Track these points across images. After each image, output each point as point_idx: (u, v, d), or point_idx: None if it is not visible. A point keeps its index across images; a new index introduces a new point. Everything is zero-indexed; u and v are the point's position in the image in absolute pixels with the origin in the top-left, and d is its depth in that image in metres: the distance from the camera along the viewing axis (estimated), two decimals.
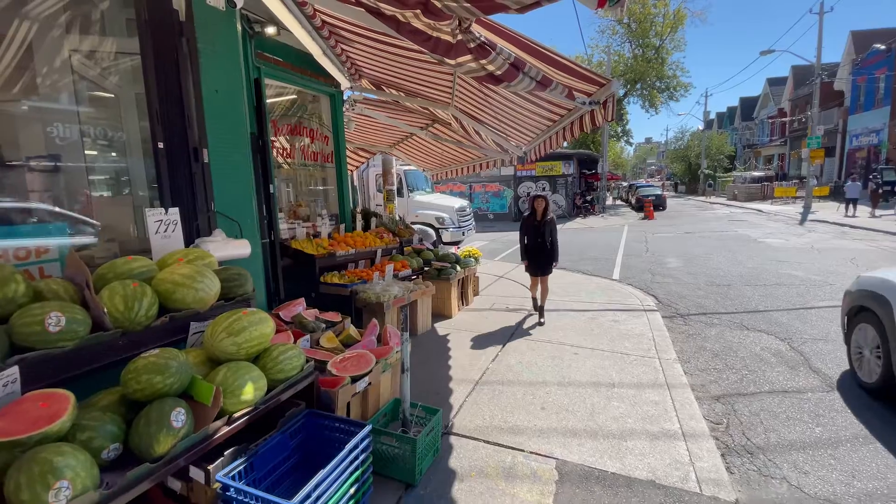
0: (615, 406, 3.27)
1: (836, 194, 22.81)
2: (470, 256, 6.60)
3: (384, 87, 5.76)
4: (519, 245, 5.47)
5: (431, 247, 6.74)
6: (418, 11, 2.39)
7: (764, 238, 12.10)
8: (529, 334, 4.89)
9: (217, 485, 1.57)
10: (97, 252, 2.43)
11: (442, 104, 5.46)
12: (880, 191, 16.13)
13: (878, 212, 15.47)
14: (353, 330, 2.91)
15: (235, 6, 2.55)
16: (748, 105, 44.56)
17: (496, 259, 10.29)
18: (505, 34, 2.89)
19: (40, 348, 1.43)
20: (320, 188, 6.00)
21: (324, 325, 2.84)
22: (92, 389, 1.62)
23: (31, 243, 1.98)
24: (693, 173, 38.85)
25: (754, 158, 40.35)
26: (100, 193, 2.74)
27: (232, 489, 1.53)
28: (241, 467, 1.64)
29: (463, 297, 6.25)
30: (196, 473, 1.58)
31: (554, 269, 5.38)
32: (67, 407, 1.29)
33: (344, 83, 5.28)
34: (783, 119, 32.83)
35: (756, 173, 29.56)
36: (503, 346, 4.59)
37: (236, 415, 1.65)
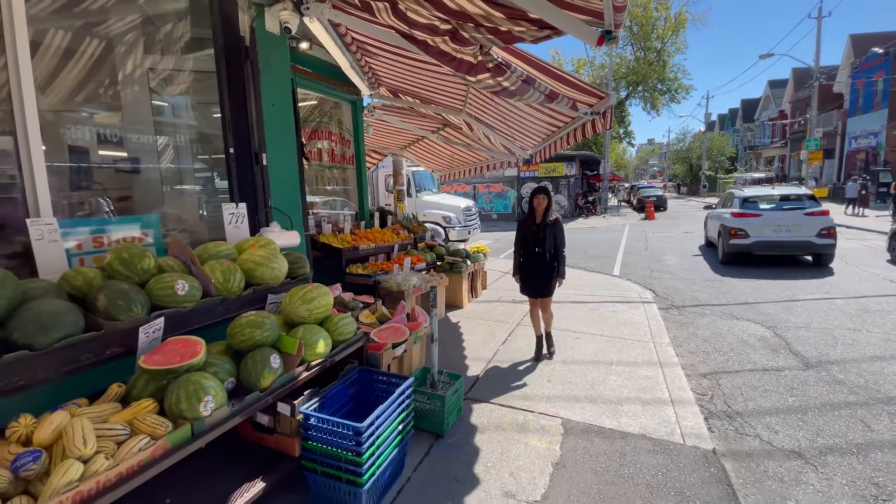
0: (613, 380, 3.70)
1: (835, 196, 23.17)
2: (479, 252, 7.04)
3: (400, 95, 6.21)
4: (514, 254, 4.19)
5: (443, 243, 7.19)
6: (447, 38, 2.85)
7: None
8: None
9: (300, 416, 2.02)
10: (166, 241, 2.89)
11: (455, 110, 5.91)
12: (863, 192, 16.64)
13: (866, 211, 16.07)
14: (385, 310, 3.36)
15: (290, 32, 3.00)
16: (749, 107, 44.89)
17: (500, 257, 10.74)
18: (518, 54, 3.34)
19: (171, 307, 1.88)
20: (340, 188, 6.45)
21: (361, 305, 3.29)
22: None
23: (137, 231, 2.43)
24: (694, 174, 39.21)
25: (755, 160, 40.67)
26: (170, 188, 3.19)
27: (313, 418, 1.98)
28: (316, 404, 2.09)
29: (473, 290, 6.69)
30: (283, 408, 2.03)
31: (558, 287, 4.09)
32: (201, 348, 1.74)
33: (364, 91, 5.73)
34: (784, 121, 33.18)
35: (756, 175, 29.90)
36: (511, 332, 5.03)
37: (312, 363, 2.10)
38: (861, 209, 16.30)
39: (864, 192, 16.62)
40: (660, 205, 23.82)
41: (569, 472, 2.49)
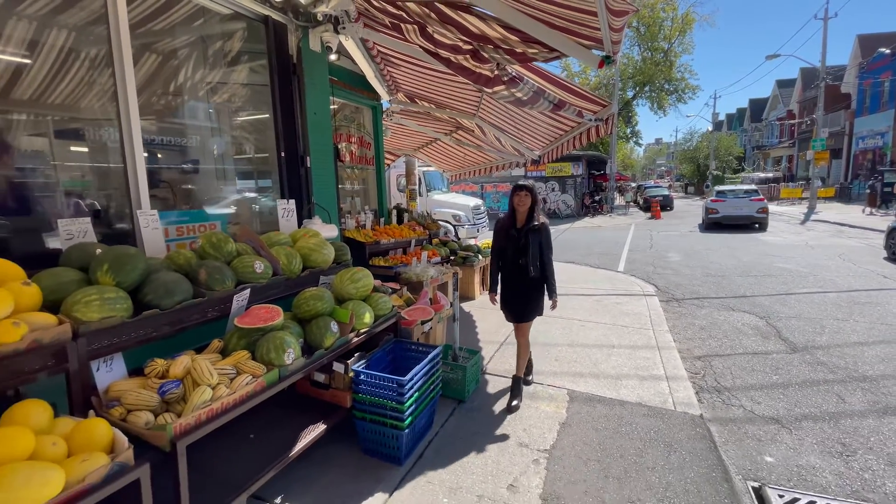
0: (614, 360, 4.10)
1: (842, 195, 23.24)
2: (489, 248, 7.46)
3: (417, 100, 6.65)
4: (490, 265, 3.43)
5: (455, 239, 7.62)
6: (468, 56, 3.27)
7: (763, 236, 12.77)
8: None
9: (351, 373, 2.45)
10: (231, 230, 3.34)
11: (468, 115, 6.33)
12: (868, 191, 16.83)
13: (877, 211, 16.29)
14: (410, 295, 3.79)
15: (332, 50, 3.44)
16: (757, 106, 44.80)
17: None
18: (531, 68, 3.75)
19: (251, 282, 2.32)
20: (359, 187, 6.90)
21: (390, 290, 3.72)
22: None
23: (208, 222, 2.89)
24: (702, 174, 39.28)
25: (763, 160, 40.61)
26: (227, 187, 3.64)
27: (363, 374, 2.41)
28: (364, 364, 2.52)
29: (484, 283, 7.11)
30: (338, 366, 2.46)
31: (550, 310, 3.30)
32: (280, 313, 2.18)
33: (384, 96, 6.18)
34: (792, 121, 33.17)
35: (761, 174, 29.99)
36: None
37: (361, 331, 2.54)
38: (871, 209, 16.47)
39: (869, 191, 16.80)
40: (666, 204, 24.00)
41: (574, 429, 2.90)
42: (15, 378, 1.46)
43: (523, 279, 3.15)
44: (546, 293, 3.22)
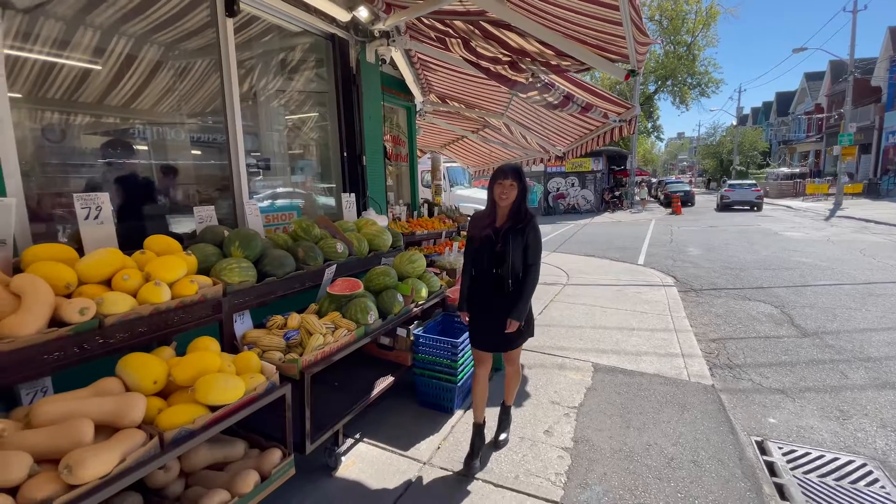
0: (634, 340, 4.51)
1: (871, 191, 22.72)
2: None
3: (448, 101, 7.10)
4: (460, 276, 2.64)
5: None
6: (506, 66, 3.71)
7: (784, 231, 12.81)
8: (565, 300, 6.14)
9: (412, 337, 2.95)
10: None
11: (497, 114, 6.75)
12: None
13: None
14: (448, 278, 4.28)
15: (385, 62, 3.92)
16: (784, 100, 43.60)
17: None
18: (562, 74, 4.15)
19: (334, 260, 2.84)
20: (393, 182, 7.41)
21: (432, 273, 4.22)
22: None
23: (286, 211, 3.42)
24: (725, 169, 38.65)
25: (789, 155, 39.64)
26: (296, 181, 4.19)
27: (422, 338, 2.91)
28: (421, 330, 3.02)
29: None
30: (401, 331, 2.97)
31: (508, 329, 2.35)
32: (360, 284, 2.69)
33: (418, 97, 6.66)
34: (819, 115, 32.32)
35: (787, 169, 29.43)
36: (546, 305, 5.88)
37: (419, 303, 3.04)
38: None
39: None
40: (687, 200, 23.84)
41: (598, 393, 3.35)
42: (191, 322, 1.99)
43: (500, 295, 2.36)
44: (523, 308, 2.32)
